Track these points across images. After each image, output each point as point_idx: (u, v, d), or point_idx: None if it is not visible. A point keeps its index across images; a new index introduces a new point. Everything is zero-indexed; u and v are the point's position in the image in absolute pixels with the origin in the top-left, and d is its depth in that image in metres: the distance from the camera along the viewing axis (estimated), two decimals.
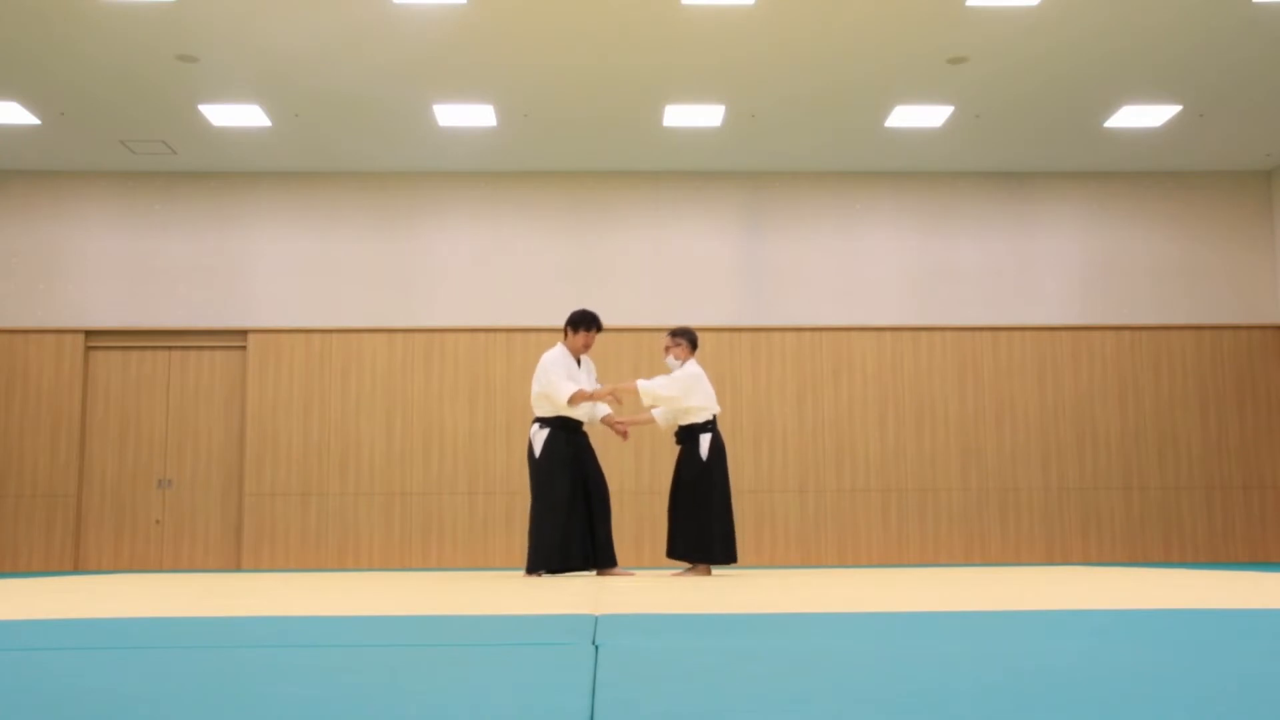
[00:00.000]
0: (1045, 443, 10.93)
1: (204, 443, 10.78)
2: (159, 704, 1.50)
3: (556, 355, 6.84)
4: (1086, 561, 10.75)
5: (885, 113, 9.78)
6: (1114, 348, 11.09)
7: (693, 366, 6.92)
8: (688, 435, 6.86)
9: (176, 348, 10.90)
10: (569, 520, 6.65)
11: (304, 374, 10.79)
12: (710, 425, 6.84)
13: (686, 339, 7.04)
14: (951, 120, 9.93)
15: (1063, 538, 10.81)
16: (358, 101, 9.42)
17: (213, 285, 10.91)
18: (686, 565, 6.89)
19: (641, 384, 6.81)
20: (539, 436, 6.78)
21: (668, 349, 7.05)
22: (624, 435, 7.04)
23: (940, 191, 11.24)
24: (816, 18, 8.06)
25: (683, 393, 6.78)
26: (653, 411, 7.01)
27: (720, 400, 10.82)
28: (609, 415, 6.98)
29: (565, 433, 6.78)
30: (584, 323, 6.92)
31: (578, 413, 6.81)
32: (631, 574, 6.94)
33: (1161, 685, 1.62)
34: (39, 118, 9.70)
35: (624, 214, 11.09)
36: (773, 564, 10.54)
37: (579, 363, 6.91)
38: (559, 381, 6.70)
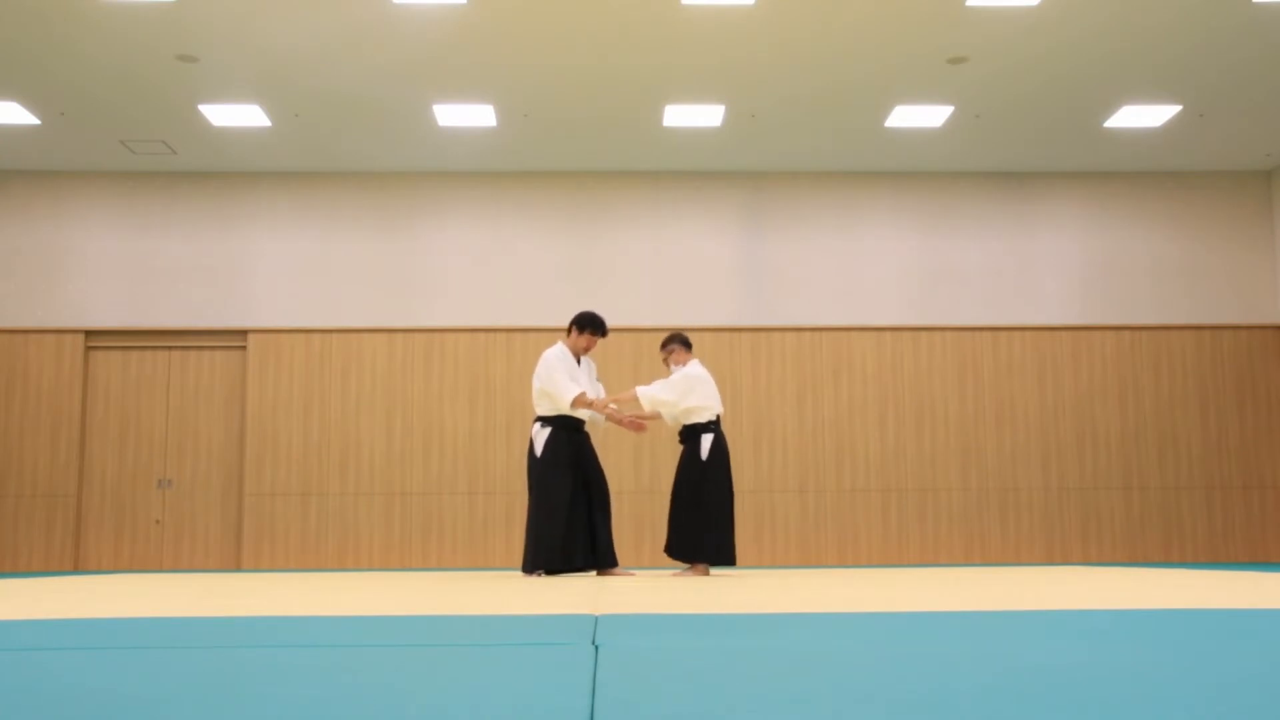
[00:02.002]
0: (1045, 443, 10.93)
1: (204, 443, 10.79)
2: (159, 704, 1.50)
3: (557, 353, 6.80)
4: (1086, 562, 10.75)
5: (885, 113, 9.78)
6: (1114, 348, 11.09)
7: (693, 368, 6.91)
8: (690, 435, 6.86)
9: (176, 348, 10.90)
10: (570, 521, 6.64)
11: (304, 374, 10.79)
12: (712, 425, 6.82)
13: (679, 344, 7.04)
14: (951, 120, 9.93)
15: (1063, 538, 10.81)
16: (358, 101, 9.42)
17: (213, 285, 10.91)
18: (685, 565, 6.89)
19: (640, 391, 6.81)
20: (540, 435, 6.74)
21: (666, 360, 7.05)
22: (636, 428, 6.96)
23: (940, 191, 11.24)
24: (816, 18, 8.06)
25: (681, 395, 6.77)
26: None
27: (721, 400, 10.82)
28: (616, 414, 6.92)
29: (567, 432, 6.75)
30: (590, 325, 6.88)
31: (579, 412, 6.80)
32: (632, 574, 6.94)
33: (1161, 685, 1.62)
34: (39, 118, 9.70)
35: (624, 214, 11.09)
36: (773, 564, 10.54)
37: (579, 362, 6.89)
38: (562, 381, 6.66)
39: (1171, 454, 10.97)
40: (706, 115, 9.76)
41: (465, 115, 9.71)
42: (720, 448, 6.79)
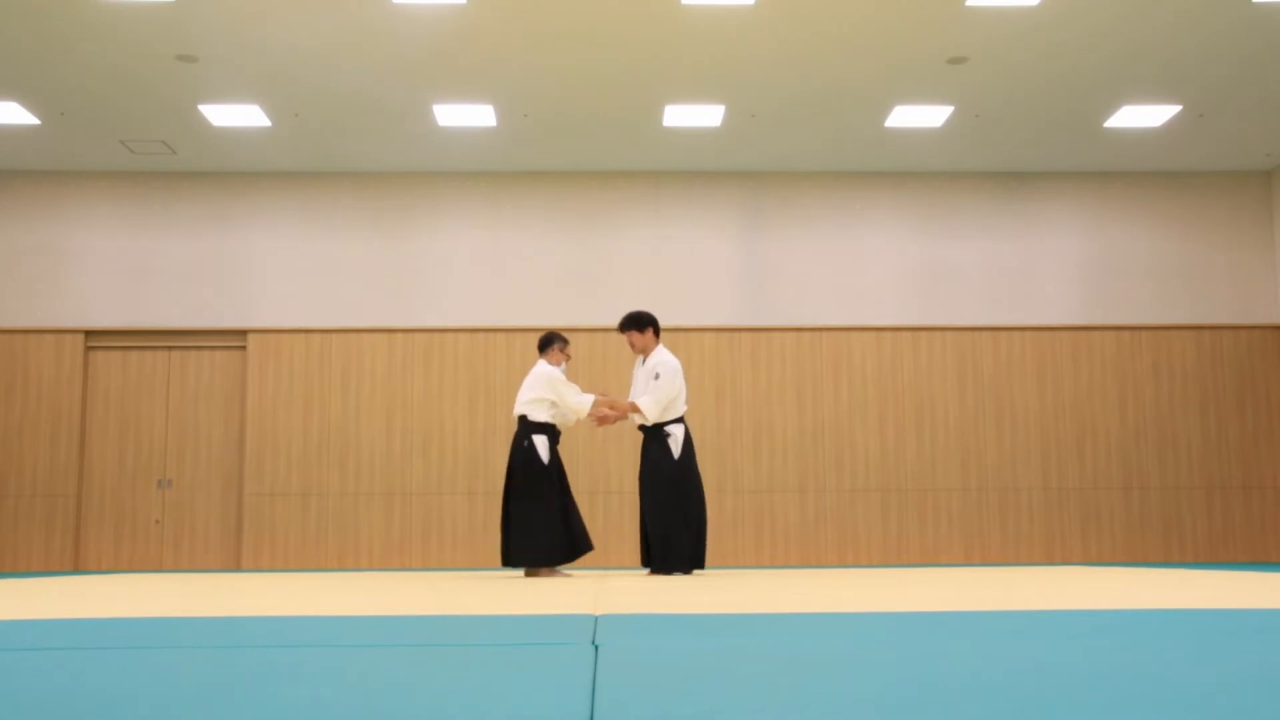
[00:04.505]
0: (1045, 443, 10.93)
1: (204, 443, 10.78)
2: (159, 704, 1.50)
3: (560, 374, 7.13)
4: (1086, 561, 10.75)
5: (885, 113, 9.78)
6: (1114, 348, 11.09)
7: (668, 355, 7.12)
8: (656, 429, 6.98)
9: (176, 348, 10.90)
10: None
11: (304, 374, 10.78)
12: (682, 417, 7.01)
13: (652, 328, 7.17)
14: (951, 120, 9.92)
15: (1063, 538, 10.81)
16: (358, 101, 9.42)
17: (213, 285, 10.91)
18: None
19: (645, 405, 6.91)
20: (542, 444, 6.97)
21: (633, 343, 7.19)
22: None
23: (940, 191, 11.24)
24: (816, 18, 8.06)
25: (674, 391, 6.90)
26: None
27: (720, 400, 10.85)
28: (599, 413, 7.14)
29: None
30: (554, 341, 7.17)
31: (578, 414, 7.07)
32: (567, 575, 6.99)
33: (1161, 685, 1.62)
34: (39, 118, 9.70)
35: (624, 214, 11.09)
36: (773, 564, 10.54)
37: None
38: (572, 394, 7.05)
39: (1171, 454, 10.97)
40: (706, 115, 9.76)
41: (465, 115, 9.71)
42: (690, 440, 6.96)
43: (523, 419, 6.94)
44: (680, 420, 6.90)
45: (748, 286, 11.04)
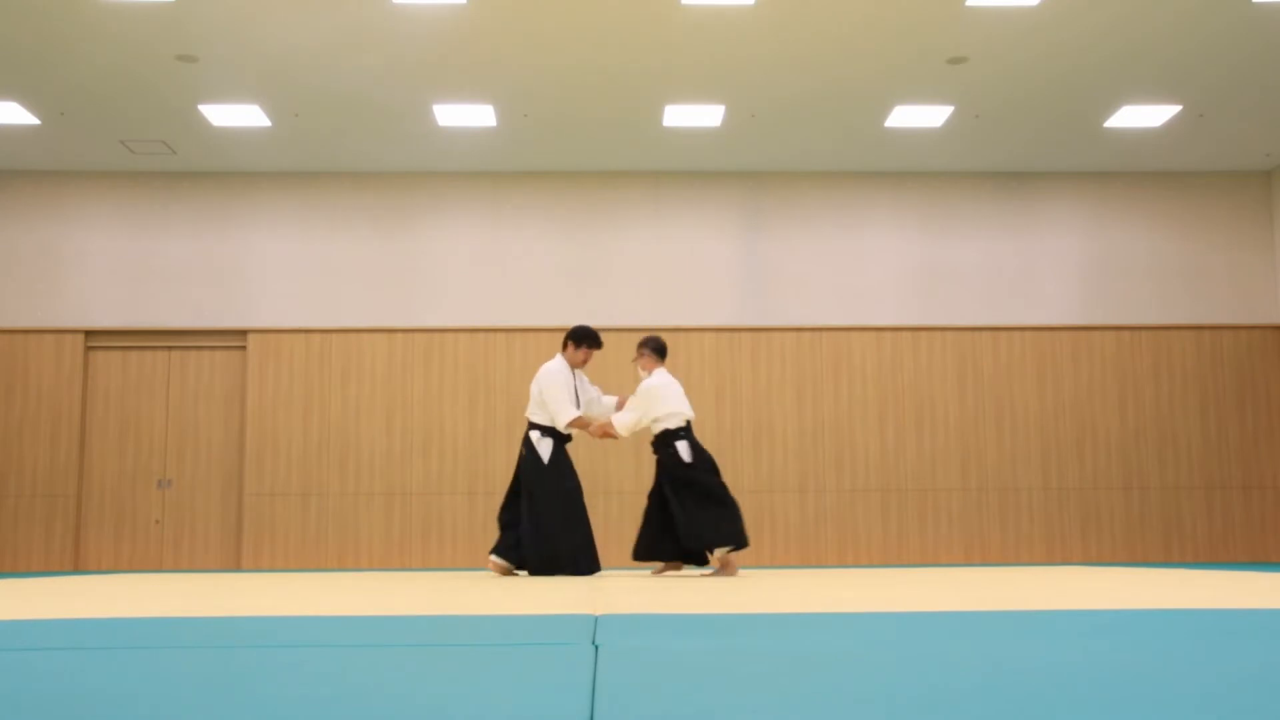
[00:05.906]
0: (1045, 443, 10.93)
1: (204, 443, 10.78)
2: (159, 704, 1.50)
3: (557, 368, 6.96)
4: (1086, 561, 10.75)
5: (885, 113, 9.78)
6: (1114, 348, 11.09)
7: (656, 378, 6.91)
8: (663, 442, 6.84)
9: (176, 348, 10.90)
10: (586, 526, 6.86)
11: (304, 374, 10.79)
12: (684, 432, 6.84)
13: (650, 348, 7.04)
14: (951, 120, 9.92)
15: (1063, 538, 10.81)
16: (358, 101, 9.42)
17: (213, 285, 10.91)
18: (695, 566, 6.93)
19: (616, 421, 6.88)
20: (544, 445, 6.90)
21: (635, 359, 7.09)
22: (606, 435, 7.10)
23: (940, 191, 11.24)
24: (816, 18, 8.06)
25: (644, 412, 6.83)
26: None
27: (720, 400, 10.84)
28: (597, 432, 7.06)
29: (562, 442, 6.98)
30: (587, 339, 7.05)
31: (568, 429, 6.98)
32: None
33: (1161, 685, 1.62)
34: (39, 118, 9.70)
35: (624, 214, 11.09)
36: (773, 564, 10.54)
37: (574, 375, 6.99)
38: (562, 400, 6.85)
39: (1171, 454, 10.97)
40: (706, 115, 9.76)
41: (465, 115, 9.71)
42: (699, 449, 6.83)
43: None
44: (679, 433, 6.89)
45: (748, 286, 11.04)
